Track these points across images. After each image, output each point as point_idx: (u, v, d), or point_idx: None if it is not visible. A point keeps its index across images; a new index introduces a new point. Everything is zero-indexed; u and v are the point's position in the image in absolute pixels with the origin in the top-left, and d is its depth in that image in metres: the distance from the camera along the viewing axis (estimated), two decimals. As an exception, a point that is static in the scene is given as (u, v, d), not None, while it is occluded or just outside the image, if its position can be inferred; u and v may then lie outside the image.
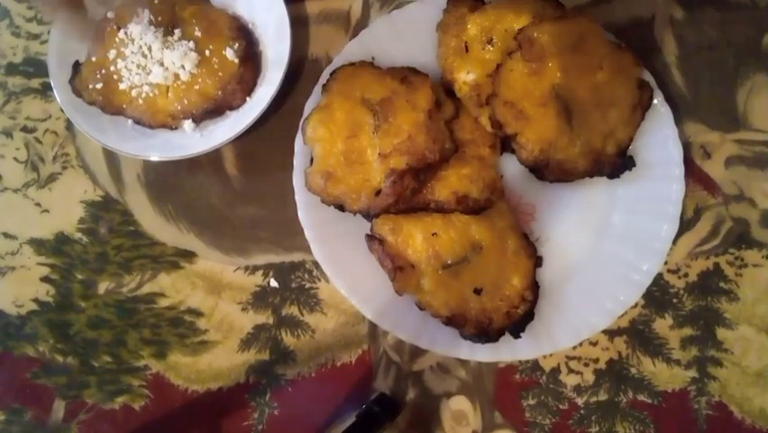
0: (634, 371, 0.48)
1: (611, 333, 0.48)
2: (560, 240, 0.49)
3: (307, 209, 0.48)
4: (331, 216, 0.48)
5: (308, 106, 0.49)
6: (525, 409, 0.48)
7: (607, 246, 0.48)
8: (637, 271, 0.47)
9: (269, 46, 0.52)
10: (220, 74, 0.51)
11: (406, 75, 0.47)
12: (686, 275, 0.49)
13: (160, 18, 0.51)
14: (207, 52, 0.51)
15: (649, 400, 0.48)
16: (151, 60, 0.50)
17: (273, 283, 0.50)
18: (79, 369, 0.51)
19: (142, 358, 0.50)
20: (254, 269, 0.51)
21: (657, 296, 0.48)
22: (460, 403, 0.48)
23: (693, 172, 0.49)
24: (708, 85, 0.50)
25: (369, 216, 0.47)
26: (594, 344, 0.48)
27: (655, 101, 0.47)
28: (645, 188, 0.48)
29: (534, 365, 0.49)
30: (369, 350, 0.49)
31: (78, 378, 0.50)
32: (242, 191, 0.52)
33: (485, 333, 0.45)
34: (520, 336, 0.46)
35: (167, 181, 0.52)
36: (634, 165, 0.47)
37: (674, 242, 0.48)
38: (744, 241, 0.49)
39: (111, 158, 0.53)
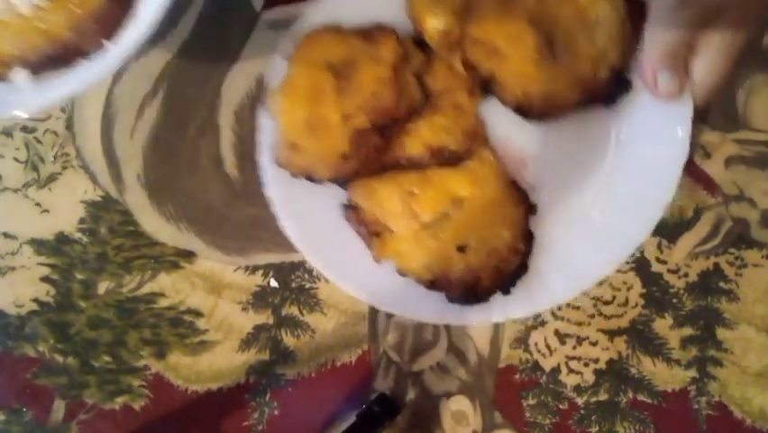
0: (634, 371, 0.48)
1: (611, 333, 0.48)
2: (557, 184, 0.45)
3: (277, 185, 0.46)
4: (304, 190, 0.46)
5: (270, 78, 0.46)
6: (525, 409, 0.48)
7: (610, 183, 0.45)
8: (645, 205, 0.44)
9: None
10: (76, 10, 0.40)
11: (371, 31, 0.45)
12: (686, 275, 0.49)
13: None
14: None
15: (649, 400, 0.48)
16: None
17: (273, 283, 0.50)
18: (79, 369, 0.51)
19: (142, 358, 0.50)
20: (254, 269, 0.51)
21: (657, 296, 0.49)
22: (460, 403, 0.48)
23: (693, 172, 0.49)
24: (709, 85, 0.50)
25: (342, 184, 0.45)
26: (594, 344, 0.48)
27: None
28: (648, 113, 0.43)
29: (535, 365, 0.49)
30: (369, 350, 0.49)
31: (78, 378, 0.50)
32: (242, 191, 0.52)
33: (473, 293, 0.42)
34: (510, 292, 0.43)
35: (167, 181, 0.52)
36: (630, 87, 0.43)
37: (674, 242, 0.48)
38: (744, 241, 0.49)
39: (111, 158, 0.53)
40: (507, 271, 0.43)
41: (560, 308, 0.48)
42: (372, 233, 0.43)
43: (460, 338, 0.48)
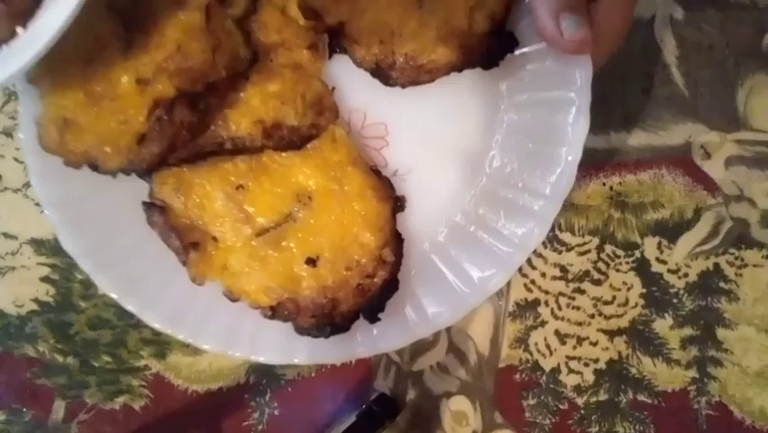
0: (634, 371, 0.48)
1: (611, 333, 0.48)
2: (428, 169, 0.36)
3: (46, 178, 0.34)
4: (86, 183, 0.34)
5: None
6: (525, 409, 0.48)
7: (494, 166, 0.35)
8: (539, 196, 0.34)
9: None
10: None
11: None
12: (686, 275, 0.49)
13: None
14: None
15: (649, 400, 0.48)
16: None
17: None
18: (79, 369, 0.51)
19: (142, 358, 0.50)
20: (254, 269, 0.51)
21: (657, 296, 0.48)
22: (460, 403, 0.48)
23: (693, 172, 0.49)
24: (708, 85, 0.50)
25: (144, 175, 0.33)
26: (594, 344, 0.48)
27: None
28: (538, 75, 0.34)
29: (535, 365, 0.48)
30: (369, 350, 0.49)
31: (78, 378, 0.50)
32: (242, 191, 0.52)
33: (329, 321, 0.33)
34: (379, 319, 0.34)
35: (167, 181, 0.53)
36: (516, 44, 0.34)
37: (674, 242, 0.48)
38: (744, 241, 0.49)
39: (111, 158, 0.53)
40: (373, 290, 0.33)
41: (560, 308, 0.48)
42: (188, 243, 0.33)
43: (460, 338, 0.48)
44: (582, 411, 0.48)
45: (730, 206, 0.49)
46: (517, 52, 0.34)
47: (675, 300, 0.48)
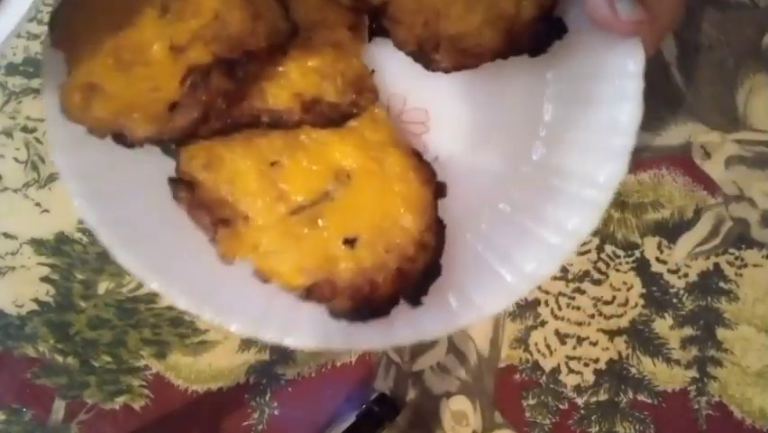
0: (634, 371, 0.48)
1: (611, 333, 0.48)
2: (469, 156, 0.35)
3: (68, 148, 0.32)
4: (110, 155, 0.32)
5: None
6: (525, 409, 0.48)
7: (540, 155, 0.35)
8: (591, 185, 0.33)
9: None
10: None
11: None
12: (686, 275, 0.49)
13: None
14: None
15: (649, 400, 0.48)
16: None
17: (273, 283, 0.50)
18: (79, 369, 0.51)
19: (142, 358, 0.50)
20: (254, 269, 0.51)
21: (657, 296, 0.48)
22: (460, 403, 0.48)
23: (693, 172, 0.49)
24: (708, 85, 0.50)
25: (170, 149, 0.33)
26: (594, 344, 0.48)
27: None
28: (587, 63, 0.34)
29: (535, 365, 0.48)
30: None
31: (78, 378, 0.50)
32: (242, 191, 0.52)
33: (367, 304, 0.32)
34: (421, 303, 0.33)
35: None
36: (565, 31, 0.33)
37: (674, 242, 0.48)
38: (744, 241, 0.49)
39: (111, 158, 0.53)
40: (414, 274, 0.32)
41: (560, 308, 0.48)
42: (218, 220, 0.32)
43: (460, 339, 0.48)
44: (582, 411, 0.48)
45: (730, 206, 0.49)
46: (565, 39, 0.33)
47: (675, 300, 0.48)
